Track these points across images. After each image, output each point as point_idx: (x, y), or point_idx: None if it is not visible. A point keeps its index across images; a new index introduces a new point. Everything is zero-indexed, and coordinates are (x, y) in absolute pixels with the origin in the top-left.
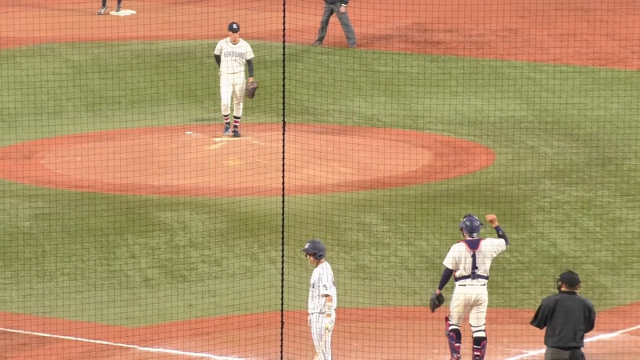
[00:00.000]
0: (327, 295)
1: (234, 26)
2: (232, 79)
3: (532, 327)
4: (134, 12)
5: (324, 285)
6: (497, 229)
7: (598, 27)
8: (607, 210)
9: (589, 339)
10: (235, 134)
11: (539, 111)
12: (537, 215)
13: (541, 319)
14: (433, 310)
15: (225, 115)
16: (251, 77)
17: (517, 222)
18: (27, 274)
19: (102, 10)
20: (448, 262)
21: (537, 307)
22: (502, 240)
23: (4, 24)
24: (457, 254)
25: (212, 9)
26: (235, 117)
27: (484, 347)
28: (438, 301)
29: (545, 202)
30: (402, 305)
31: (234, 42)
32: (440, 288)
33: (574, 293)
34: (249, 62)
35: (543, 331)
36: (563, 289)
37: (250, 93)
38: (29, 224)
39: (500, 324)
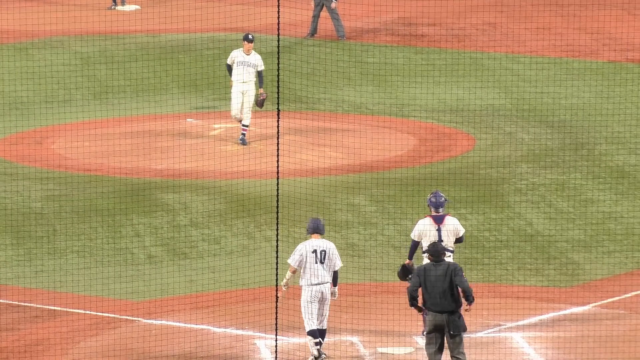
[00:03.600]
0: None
1: (250, 37)
2: (242, 88)
3: (510, 301)
4: (138, 7)
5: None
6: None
7: (571, 21)
8: (579, 192)
9: (563, 311)
10: (243, 141)
11: (516, 100)
12: (515, 196)
13: (416, 282)
14: (404, 279)
15: (245, 126)
16: (261, 89)
17: (496, 203)
18: (39, 252)
19: (113, 7)
20: (414, 235)
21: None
22: (462, 230)
23: (17, 18)
24: (421, 227)
25: (211, 3)
26: (243, 125)
27: None
28: (405, 270)
29: (522, 185)
30: (388, 281)
31: (247, 52)
32: (410, 258)
33: (440, 261)
34: (259, 74)
35: (520, 305)
36: (430, 259)
37: (260, 103)
38: (41, 204)
39: (479, 297)
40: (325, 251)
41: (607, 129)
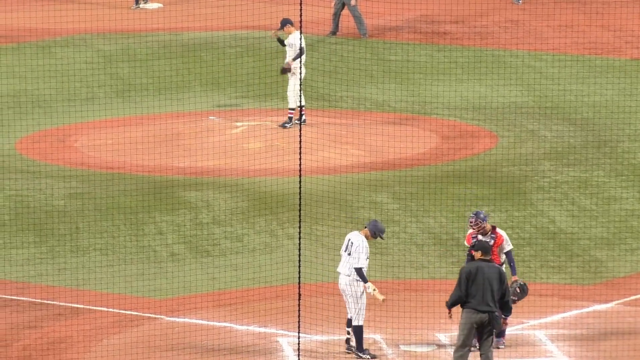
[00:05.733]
0: None
1: (282, 21)
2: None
3: (533, 298)
4: (160, 5)
5: None
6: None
7: (594, 18)
8: (602, 189)
9: (586, 309)
10: (303, 121)
11: (539, 97)
12: (537, 194)
13: (465, 284)
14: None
15: (290, 109)
16: (291, 60)
17: (519, 201)
18: (62, 249)
19: (135, 7)
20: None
21: (459, 277)
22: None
23: (40, 16)
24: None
25: (233, 1)
26: (301, 106)
27: None
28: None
29: (544, 182)
30: (411, 278)
31: (289, 34)
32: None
33: (489, 260)
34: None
35: (542, 303)
36: (479, 256)
37: (282, 70)
38: (64, 202)
39: None
40: (352, 243)
41: (630, 126)
